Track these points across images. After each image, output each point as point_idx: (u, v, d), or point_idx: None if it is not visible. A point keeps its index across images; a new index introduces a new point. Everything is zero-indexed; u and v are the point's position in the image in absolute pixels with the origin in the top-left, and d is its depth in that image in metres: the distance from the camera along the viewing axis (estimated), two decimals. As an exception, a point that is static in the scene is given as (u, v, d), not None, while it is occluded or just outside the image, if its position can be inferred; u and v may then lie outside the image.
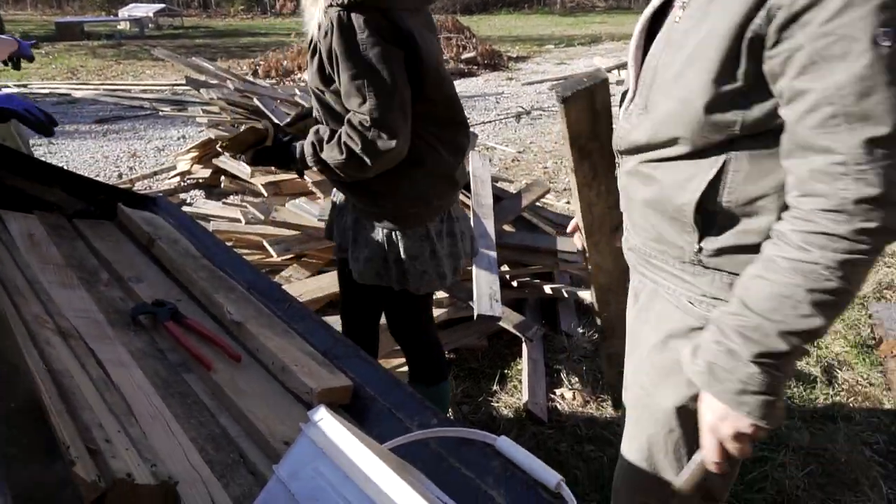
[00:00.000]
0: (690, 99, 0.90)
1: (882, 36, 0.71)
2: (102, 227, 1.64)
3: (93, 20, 21.20)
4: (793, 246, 0.82)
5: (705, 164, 0.94)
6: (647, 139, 1.01)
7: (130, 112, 7.71)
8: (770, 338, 0.85)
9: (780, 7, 0.78)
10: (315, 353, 1.12)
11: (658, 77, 0.97)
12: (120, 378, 0.95)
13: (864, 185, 0.75)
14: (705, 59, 0.87)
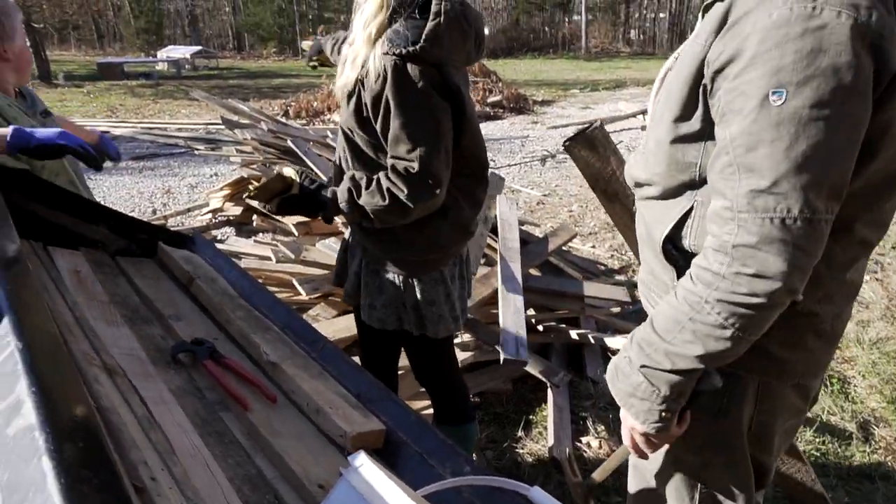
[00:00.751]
0: (662, 139, 0.99)
1: (773, 95, 0.78)
2: (143, 265, 1.69)
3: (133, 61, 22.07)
4: (689, 277, 0.90)
5: (675, 206, 1.01)
6: (637, 175, 1.11)
7: (166, 150, 7.96)
8: (658, 353, 0.93)
9: (711, 60, 0.87)
10: (348, 396, 1.13)
11: (653, 118, 1.07)
12: (161, 416, 0.98)
13: (743, 232, 0.82)
14: (671, 102, 0.96)
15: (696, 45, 0.92)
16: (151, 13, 37.63)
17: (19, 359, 0.58)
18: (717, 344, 0.88)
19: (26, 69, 1.72)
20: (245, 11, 41.48)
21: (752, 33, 0.80)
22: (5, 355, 0.59)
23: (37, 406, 0.51)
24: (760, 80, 0.78)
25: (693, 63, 0.90)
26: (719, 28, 0.87)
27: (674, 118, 0.95)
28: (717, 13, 0.88)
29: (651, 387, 0.96)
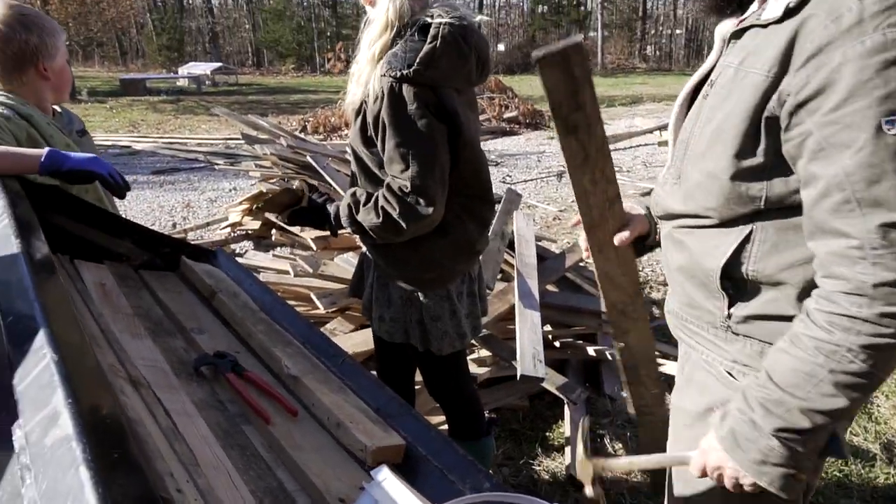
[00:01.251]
0: (716, 173, 0.95)
1: (886, 124, 0.74)
2: (166, 279, 1.72)
3: (154, 77, 22.47)
4: (818, 325, 0.82)
5: (732, 233, 0.98)
6: (679, 208, 1.06)
7: (186, 164, 8.08)
8: (792, 413, 0.85)
9: (789, 93, 0.82)
10: (368, 410, 1.14)
11: (689, 150, 1.03)
12: (185, 427, 0.99)
13: (881, 270, 0.76)
14: (728, 137, 0.92)
15: (752, 74, 0.88)
16: (173, 30, 38.36)
17: (55, 371, 0.60)
18: (862, 392, 0.82)
19: (65, 89, 1.76)
20: (265, 28, 42.12)
21: (843, 63, 0.76)
22: (41, 367, 0.61)
23: (73, 417, 0.52)
24: (868, 110, 0.75)
25: (754, 95, 0.87)
26: (785, 58, 0.83)
27: (734, 153, 0.91)
28: (779, 42, 0.84)
29: (787, 451, 0.86)
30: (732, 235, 0.98)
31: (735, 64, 0.94)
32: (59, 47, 1.66)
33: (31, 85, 1.68)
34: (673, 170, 1.08)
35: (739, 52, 0.94)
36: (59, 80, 1.71)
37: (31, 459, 0.52)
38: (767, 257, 0.95)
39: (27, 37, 1.60)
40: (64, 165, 1.48)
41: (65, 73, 1.72)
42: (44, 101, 1.71)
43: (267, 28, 41.44)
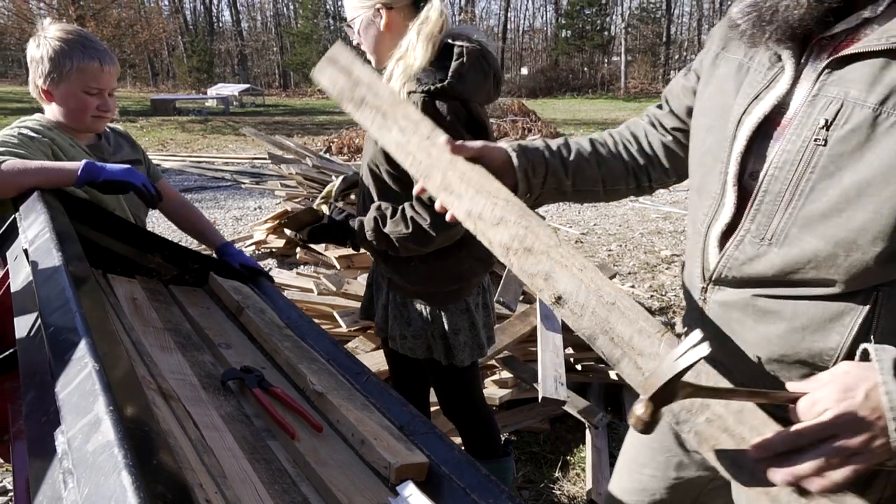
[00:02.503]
0: (857, 243, 0.77)
1: None
2: (195, 294, 1.75)
3: (184, 98, 23.01)
4: None
5: (853, 302, 0.81)
6: (775, 275, 0.85)
7: (213, 183, 8.23)
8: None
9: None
10: (392, 428, 1.15)
11: (788, 205, 0.82)
12: (213, 441, 1.01)
13: None
14: (884, 202, 0.73)
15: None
16: (204, 53, 39.31)
17: (97, 379, 0.62)
18: None
19: (76, 118, 1.71)
20: (292, 51, 42.99)
21: None
22: (83, 376, 0.63)
23: (115, 424, 0.54)
24: None
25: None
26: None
27: (892, 223, 0.74)
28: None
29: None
30: (854, 305, 0.80)
31: (871, 104, 0.74)
32: (67, 72, 1.63)
33: (47, 106, 1.73)
34: (753, 226, 0.87)
35: (869, 87, 0.74)
36: (65, 105, 1.69)
37: (74, 464, 0.53)
38: (894, 328, 0.80)
39: (39, 55, 1.64)
40: (100, 177, 1.52)
41: (72, 100, 1.68)
42: (64, 125, 1.72)
43: (294, 51, 42.29)
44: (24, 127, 1.68)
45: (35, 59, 1.66)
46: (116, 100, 1.85)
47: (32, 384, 0.79)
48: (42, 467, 0.60)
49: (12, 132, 1.65)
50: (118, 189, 1.58)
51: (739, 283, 0.90)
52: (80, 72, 1.64)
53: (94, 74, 1.66)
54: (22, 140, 1.62)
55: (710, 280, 0.95)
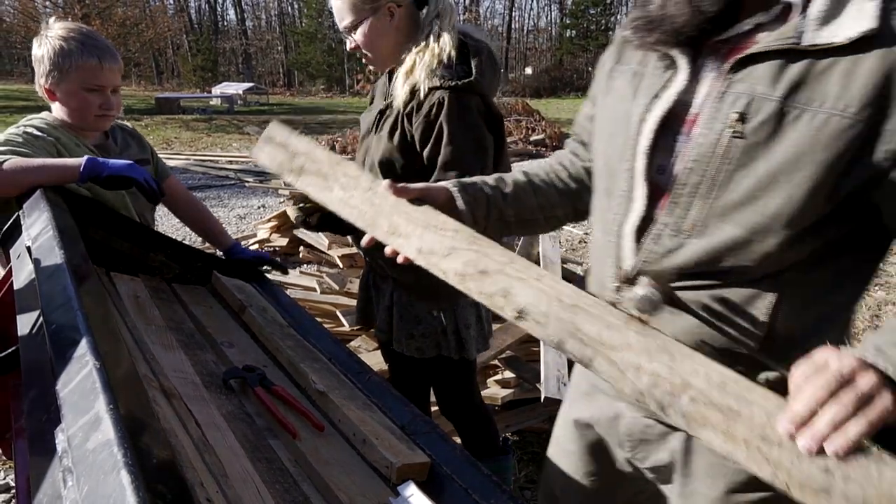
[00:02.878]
0: (770, 228, 0.82)
1: None
2: (198, 293, 1.75)
3: (188, 96, 23.04)
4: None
5: (761, 288, 0.86)
6: (695, 265, 0.88)
7: (217, 181, 8.24)
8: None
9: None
10: (394, 428, 1.15)
11: (706, 196, 0.86)
12: (215, 439, 1.01)
13: None
14: (795, 187, 0.79)
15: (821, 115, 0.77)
16: (208, 51, 39.40)
17: (97, 378, 0.62)
18: None
19: (80, 117, 1.71)
20: (296, 50, 43.05)
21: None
22: (84, 374, 0.63)
23: (115, 423, 0.54)
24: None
25: (836, 142, 0.76)
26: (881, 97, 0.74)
27: (799, 208, 0.79)
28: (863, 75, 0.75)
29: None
30: (762, 292, 0.86)
31: (776, 97, 0.79)
32: (67, 71, 1.63)
33: (52, 105, 1.73)
34: (670, 219, 0.89)
35: (773, 83, 0.79)
36: (67, 104, 1.69)
37: (74, 462, 0.53)
38: (798, 312, 0.86)
39: (41, 54, 1.65)
40: (103, 173, 1.52)
41: (73, 99, 1.68)
42: (69, 123, 1.72)
43: (299, 50, 42.34)
44: (30, 125, 1.68)
45: (38, 58, 1.66)
46: (122, 98, 1.84)
47: (34, 382, 0.79)
48: (42, 465, 0.60)
49: (17, 131, 1.65)
50: (121, 184, 1.57)
51: (657, 277, 0.92)
52: (79, 70, 1.64)
53: (93, 72, 1.65)
54: (26, 139, 1.62)
55: (626, 279, 0.96)
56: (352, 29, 1.58)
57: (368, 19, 1.55)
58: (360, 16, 1.55)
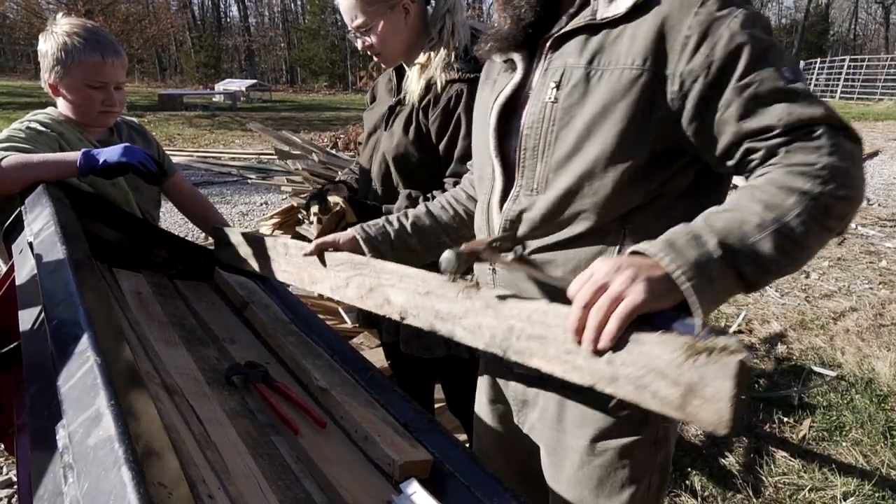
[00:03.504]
0: (594, 172, 0.95)
1: (787, 73, 0.86)
2: (200, 289, 1.75)
3: (191, 93, 23.02)
4: (773, 191, 0.82)
5: (607, 243, 0.98)
6: (543, 216, 1.01)
7: (219, 178, 8.24)
8: (734, 244, 0.78)
9: (695, 79, 0.87)
10: (396, 425, 1.14)
11: (543, 156, 1.00)
12: (217, 436, 1.00)
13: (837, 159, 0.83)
14: (606, 133, 0.93)
15: (617, 71, 0.91)
16: (211, 48, 39.39)
17: (98, 374, 0.61)
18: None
19: (84, 113, 1.72)
20: (299, 47, 43.01)
21: (732, 36, 0.86)
22: (85, 370, 0.63)
23: (115, 419, 0.54)
24: (770, 66, 0.86)
25: (630, 90, 0.90)
26: (659, 48, 0.89)
27: (614, 151, 0.92)
28: (644, 35, 0.89)
29: (725, 269, 0.78)
30: (608, 246, 0.98)
31: (582, 65, 0.95)
32: (70, 66, 1.63)
33: (57, 100, 1.73)
34: (523, 181, 1.03)
35: (580, 54, 0.95)
36: (69, 100, 1.69)
37: (74, 458, 0.53)
38: None
39: (45, 49, 1.65)
40: (98, 162, 1.51)
41: (76, 95, 1.68)
42: (73, 119, 1.72)
43: (302, 47, 42.30)
44: (34, 121, 1.68)
45: (43, 53, 1.66)
46: (126, 94, 1.83)
47: (35, 378, 0.79)
48: (43, 461, 0.60)
49: (21, 126, 1.65)
50: (120, 171, 1.55)
51: (522, 236, 1.06)
52: (81, 66, 1.64)
53: (96, 68, 1.65)
54: (29, 134, 1.61)
55: (499, 242, 1.07)
56: (365, 28, 1.57)
57: (383, 18, 1.54)
58: (375, 14, 1.54)
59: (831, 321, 3.79)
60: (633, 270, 0.75)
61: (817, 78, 25.66)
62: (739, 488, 2.28)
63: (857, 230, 5.80)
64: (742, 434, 2.61)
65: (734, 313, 3.89)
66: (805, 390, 2.97)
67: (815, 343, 3.50)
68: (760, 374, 3.15)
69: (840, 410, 2.81)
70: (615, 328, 0.73)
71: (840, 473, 2.34)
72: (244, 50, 45.28)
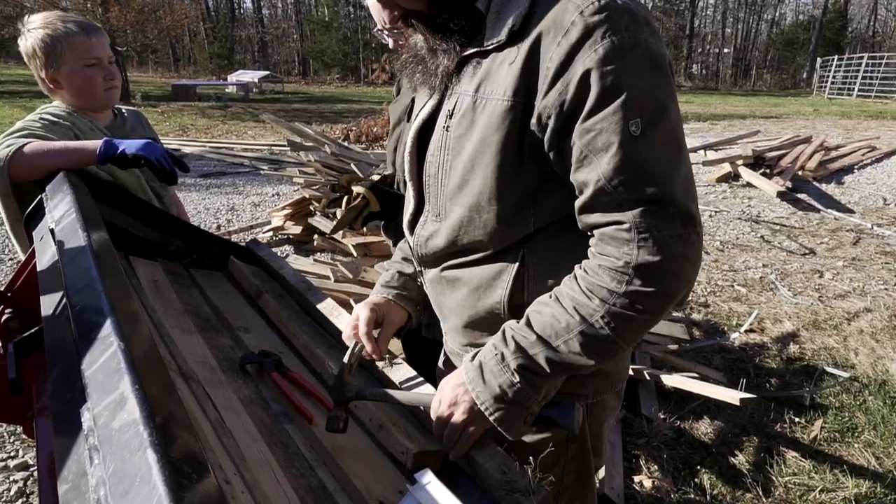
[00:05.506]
0: (480, 205, 0.95)
1: (632, 126, 0.80)
2: (214, 278, 1.76)
3: (204, 84, 23.09)
4: (581, 290, 0.88)
5: (506, 261, 1.00)
6: (446, 245, 1.04)
7: (232, 168, 8.27)
8: (539, 357, 0.90)
9: (549, 115, 0.85)
10: (409, 415, 1.15)
11: (441, 184, 1.01)
12: (232, 423, 1.02)
13: (644, 253, 0.82)
14: (486, 168, 0.92)
15: (493, 101, 0.89)
16: (225, 39, 39.48)
17: (122, 358, 0.62)
18: (603, 356, 0.90)
19: (87, 95, 1.73)
20: (312, 39, 43.01)
21: (585, 73, 0.81)
22: (109, 354, 0.64)
23: (140, 402, 0.55)
24: (614, 115, 0.83)
25: (503, 123, 0.88)
26: (527, 80, 0.86)
27: (495, 184, 0.92)
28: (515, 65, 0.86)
29: (527, 390, 0.91)
30: (508, 264, 0.99)
31: (470, 92, 0.93)
32: (63, 54, 1.63)
33: (58, 96, 1.74)
34: (430, 206, 1.06)
35: (471, 81, 0.93)
36: (72, 86, 1.70)
37: (100, 441, 0.54)
38: (543, 280, 0.98)
39: (30, 49, 1.65)
40: (118, 152, 1.52)
41: (77, 79, 1.68)
42: (80, 107, 1.74)
43: (314, 38, 42.30)
44: (46, 113, 1.70)
45: (29, 53, 1.67)
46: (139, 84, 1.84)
47: (58, 362, 0.80)
48: (67, 443, 0.61)
49: (34, 117, 1.67)
50: (136, 164, 1.56)
51: (432, 260, 1.10)
52: (72, 48, 1.65)
53: (86, 47, 1.66)
54: (44, 124, 1.63)
55: (420, 262, 1.15)
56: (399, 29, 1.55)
57: None
58: None
59: (845, 321, 3.76)
60: (465, 406, 0.95)
61: (834, 76, 25.35)
62: (749, 488, 2.27)
63: (873, 230, 5.74)
64: (752, 433, 2.60)
65: (746, 312, 3.87)
66: (817, 391, 2.95)
67: (828, 343, 3.47)
68: (772, 374, 3.14)
69: (853, 412, 2.79)
70: (461, 451, 0.97)
71: (852, 475, 2.33)
72: (257, 41, 45.34)
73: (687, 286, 0.86)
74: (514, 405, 0.92)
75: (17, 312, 1.30)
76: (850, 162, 8.34)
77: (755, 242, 5.38)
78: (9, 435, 2.49)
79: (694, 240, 0.84)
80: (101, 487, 0.49)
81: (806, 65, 40.77)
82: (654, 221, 0.82)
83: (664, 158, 0.81)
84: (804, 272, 4.64)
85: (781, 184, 6.81)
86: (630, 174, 0.81)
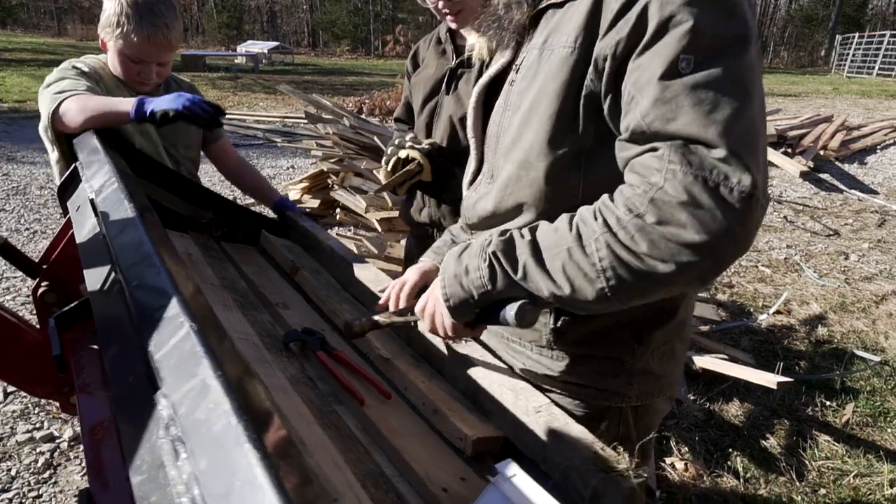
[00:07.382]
0: (530, 161, 0.89)
1: (682, 61, 0.72)
2: (247, 252, 1.72)
3: (213, 54, 22.87)
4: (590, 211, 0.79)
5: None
6: (493, 208, 0.98)
7: (245, 141, 8.20)
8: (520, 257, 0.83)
9: (605, 57, 0.78)
10: (462, 399, 1.10)
11: (500, 142, 0.96)
12: (283, 404, 0.97)
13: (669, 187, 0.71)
14: (540, 120, 0.87)
15: (557, 51, 0.84)
16: (233, 9, 39.01)
17: (196, 341, 0.57)
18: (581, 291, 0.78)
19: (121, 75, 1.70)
20: (322, 10, 42.46)
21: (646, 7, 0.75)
22: (181, 336, 0.59)
23: (227, 392, 0.50)
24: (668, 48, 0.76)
25: (562, 71, 0.83)
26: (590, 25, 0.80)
27: (547, 138, 0.86)
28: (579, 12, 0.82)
29: (484, 278, 0.85)
30: None
31: (539, 45, 0.89)
32: (118, 34, 1.60)
33: (103, 50, 1.71)
34: (486, 167, 1.02)
35: (541, 34, 0.89)
36: (111, 60, 1.69)
37: (184, 432, 0.49)
38: None
39: (107, 4, 1.62)
40: (148, 111, 1.47)
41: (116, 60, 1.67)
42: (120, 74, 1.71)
43: (324, 9, 41.75)
44: (80, 62, 1.69)
45: (105, 7, 1.63)
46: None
47: (112, 341, 0.75)
48: (137, 430, 0.56)
49: (67, 66, 1.66)
50: (169, 120, 1.49)
51: (479, 224, 1.05)
52: (126, 40, 1.61)
53: (138, 47, 1.61)
54: (76, 74, 1.63)
55: (469, 227, 1.11)
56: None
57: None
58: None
59: (873, 304, 3.70)
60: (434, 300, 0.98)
61: (854, 54, 24.84)
62: (782, 471, 2.24)
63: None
64: (783, 416, 2.56)
65: (771, 293, 3.81)
66: (847, 374, 2.90)
67: (857, 326, 3.42)
68: (800, 357, 3.09)
69: (884, 396, 2.74)
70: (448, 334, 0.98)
71: (887, 460, 2.29)
72: (266, 11, 44.74)
73: (710, 255, 0.70)
74: (465, 289, 0.88)
75: (53, 285, 1.26)
76: (872, 142, 8.18)
77: (778, 223, 5.29)
78: (33, 406, 2.48)
79: (737, 200, 0.68)
80: (193, 485, 0.45)
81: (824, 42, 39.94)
82: (693, 158, 0.70)
83: (714, 100, 0.70)
84: (829, 253, 4.56)
85: (804, 163, 6.69)
86: (667, 109, 0.71)
